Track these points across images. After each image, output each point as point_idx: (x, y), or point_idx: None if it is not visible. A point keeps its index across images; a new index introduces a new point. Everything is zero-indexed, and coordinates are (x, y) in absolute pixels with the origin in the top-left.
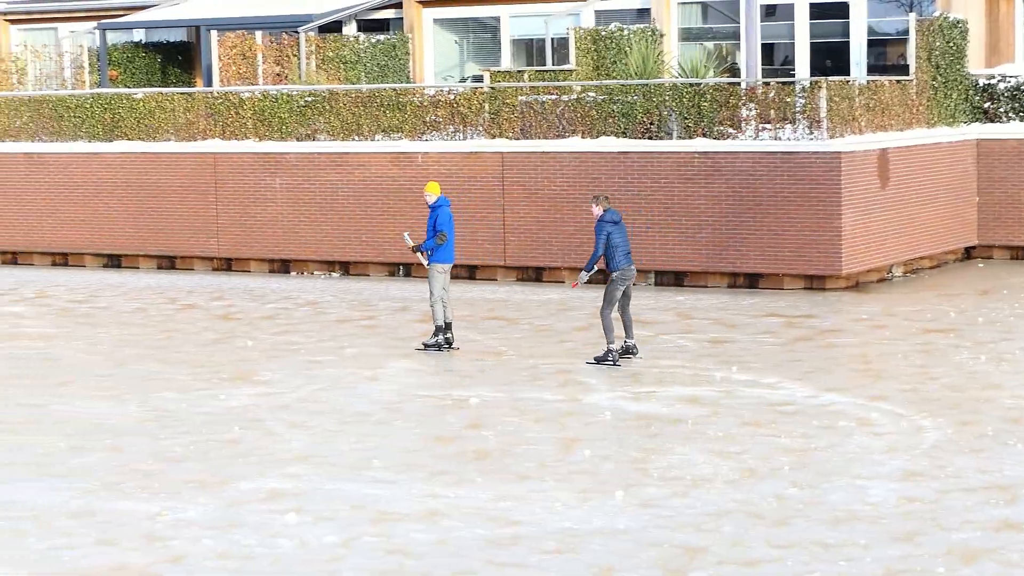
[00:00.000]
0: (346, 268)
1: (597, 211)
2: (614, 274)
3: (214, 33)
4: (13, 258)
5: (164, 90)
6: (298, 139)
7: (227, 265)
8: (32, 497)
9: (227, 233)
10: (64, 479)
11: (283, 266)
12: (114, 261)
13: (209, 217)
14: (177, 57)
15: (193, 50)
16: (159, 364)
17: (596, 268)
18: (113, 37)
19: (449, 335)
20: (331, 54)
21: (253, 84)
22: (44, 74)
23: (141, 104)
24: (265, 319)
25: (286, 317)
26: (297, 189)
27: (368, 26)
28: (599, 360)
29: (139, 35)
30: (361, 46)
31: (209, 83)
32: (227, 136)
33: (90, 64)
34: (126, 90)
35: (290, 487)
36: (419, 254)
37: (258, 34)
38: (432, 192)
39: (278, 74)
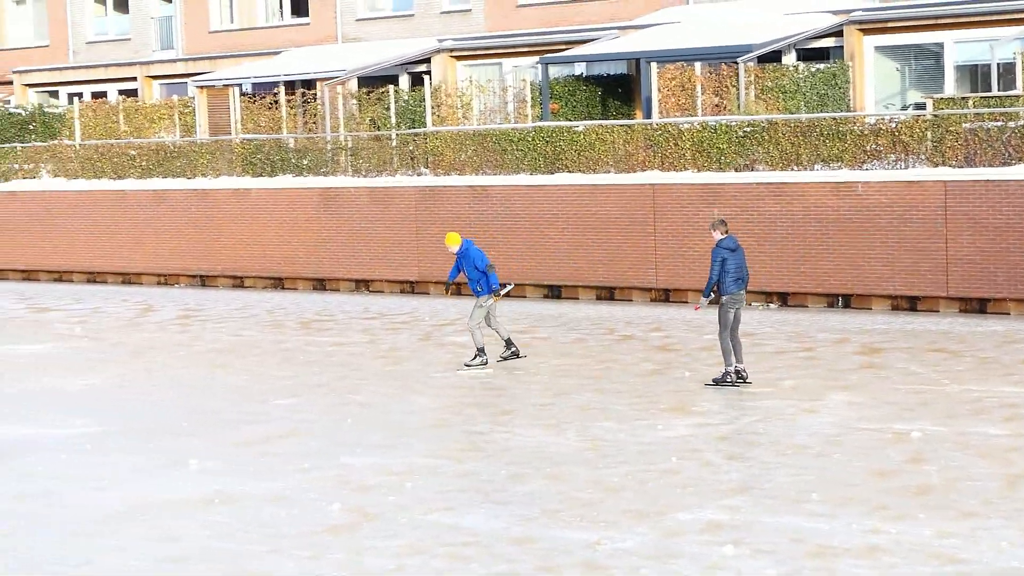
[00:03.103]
0: (784, 299)
1: (717, 236)
2: (724, 298)
3: (654, 65)
4: (458, 288)
5: (604, 122)
6: (736, 169)
7: (665, 296)
8: (475, 523)
9: (665, 264)
10: (505, 506)
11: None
12: (554, 292)
13: (648, 248)
14: (617, 89)
15: (633, 82)
16: (597, 394)
17: (713, 293)
18: (555, 71)
19: (515, 348)
20: (770, 84)
21: (692, 115)
22: (488, 108)
23: (582, 136)
24: (703, 350)
25: None
26: (735, 219)
27: (808, 55)
28: (718, 382)
29: (580, 68)
30: (800, 75)
31: (648, 115)
32: (666, 167)
33: (532, 98)
34: (567, 123)
35: (728, 519)
36: (498, 294)
37: (697, 65)
38: (453, 243)
39: (717, 104)
